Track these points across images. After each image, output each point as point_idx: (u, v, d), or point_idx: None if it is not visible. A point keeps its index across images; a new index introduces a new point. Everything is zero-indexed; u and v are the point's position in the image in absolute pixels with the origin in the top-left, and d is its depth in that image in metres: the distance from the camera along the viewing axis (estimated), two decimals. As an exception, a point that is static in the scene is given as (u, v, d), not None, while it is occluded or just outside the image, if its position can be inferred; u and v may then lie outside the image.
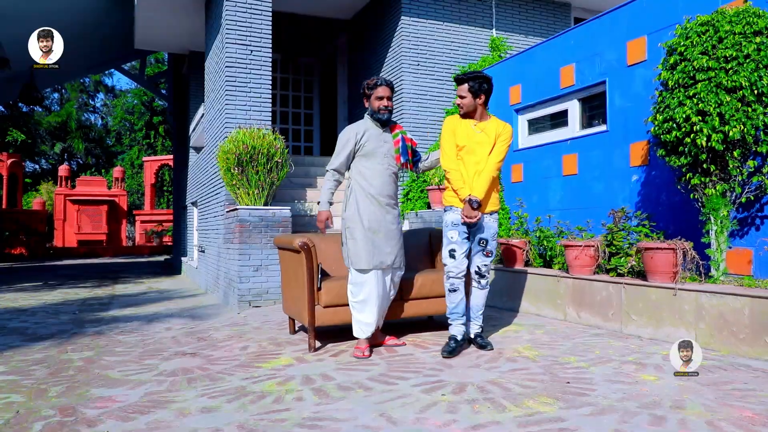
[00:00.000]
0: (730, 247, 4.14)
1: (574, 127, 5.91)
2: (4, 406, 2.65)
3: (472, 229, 3.45)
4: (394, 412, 2.42)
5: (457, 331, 3.51)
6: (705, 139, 3.69)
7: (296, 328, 4.33)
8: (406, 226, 6.65)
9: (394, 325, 4.24)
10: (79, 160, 32.43)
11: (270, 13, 6.47)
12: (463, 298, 3.49)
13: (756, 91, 3.60)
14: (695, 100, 3.76)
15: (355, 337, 3.63)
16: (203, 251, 8.06)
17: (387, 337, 3.81)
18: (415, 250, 4.31)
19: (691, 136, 3.78)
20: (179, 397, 2.73)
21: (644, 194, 4.98)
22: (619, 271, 4.19)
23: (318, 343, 3.82)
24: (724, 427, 2.16)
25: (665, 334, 3.66)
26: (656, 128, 4.09)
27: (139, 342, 4.16)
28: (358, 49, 8.72)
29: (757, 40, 3.63)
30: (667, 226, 4.68)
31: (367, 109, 3.69)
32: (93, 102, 33.95)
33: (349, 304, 3.62)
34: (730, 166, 3.75)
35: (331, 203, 3.65)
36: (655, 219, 4.71)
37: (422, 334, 4.06)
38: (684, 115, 3.79)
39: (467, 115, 3.50)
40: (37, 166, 31.35)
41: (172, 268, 12.49)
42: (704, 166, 3.84)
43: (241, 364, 3.36)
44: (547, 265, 5.20)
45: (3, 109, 24.18)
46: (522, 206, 6.11)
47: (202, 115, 8.46)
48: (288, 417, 2.41)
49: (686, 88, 3.87)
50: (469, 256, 3.53)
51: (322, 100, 10.44)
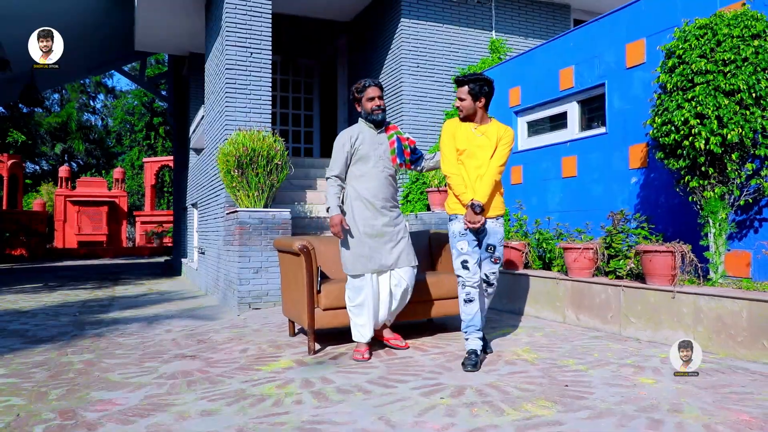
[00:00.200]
0: (729, 250, 4.15)
1: (573, 129, 5.92)
2: (4, 409, 2.67)
3: (480, 235, 3.35)
4: (393, 416, 2.43)
5: (475, 344, 3.31)
6: (703, 142, 3.70)
7: (296, 331, 4.34)
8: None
9: (393, 326, 4.23)
10: (80, 161, 32.46)
11: (270, 16, 6.48)
12: (479, 310, 3.32)
13: (754, 95, 3.61)
14: (693, 103, 3.77)
15: (354, 341, 3.63)
16: (203, 253, 8.07)
17: (392, 335, 3.77)
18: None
19: (690, 139, 3.79)
20: (179, 400, 2.74)
21: (643, 196, 4.98)
22: (618, 273, 4.20)
23: (317, 346, 3.83)
24: (721, 431, 2.17)
25: (664, 337, 3.67)
26: (655, 131, 4.10)
27: (139, 344, 4.17)
28: (358, 51, 8.73)
29: (755, 43, 3.64)
30: (666, 229, 4.69)
31: (360, 113, 3.65)
32: (93, 103, 34.00)
33: (347, 309, 3.63)
34: (729, 169, 3.76)
35: (340, 206, 3.55)
36: (654, 221, 4.72)
37: (422, 337, 4.07)
38: (682, 118, 3.80)
39: (467, 119, 3.42)
40: (38, 167, 31.37)
41: (173, 270, 12.51)
42: (702, 169, 3.85)
43: (241, 367, 3.37)
44: (547, 267, 5.21)
45: (3, 110, 24.20)
46: (521, 208, 6.11)
47: (202, 116, 8.47)
48: (287, 420, 2.42)
49: (685, 91, 3.88)
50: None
51: (322, 101, 10.45)
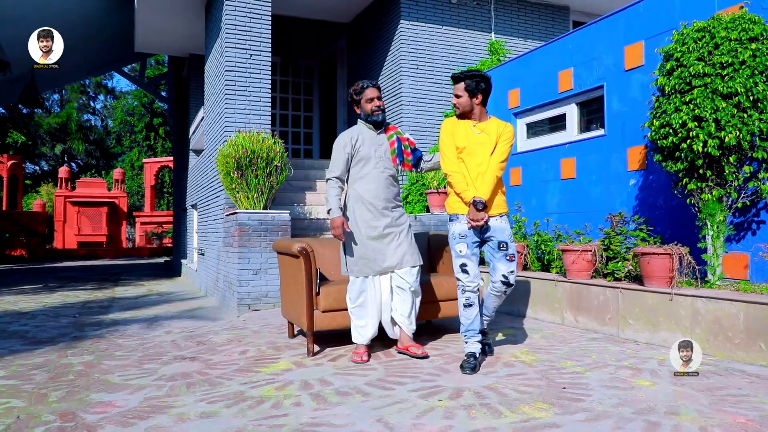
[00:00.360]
0: (727, 252, 4.16)
1: (572, 131, 5.94)
2: (4, 411, 2.68)
3: (485, 235, 3.24)
4: (391, 418, 2.44)
5: (474, 348, 3.28)
6: (701, 144, 3.71)
7: (295, 332, 4.35)
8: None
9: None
10: (80, 162, 32.48)
11: (270, 18, 6.50)
12: (479, 314, 3.29)
13: (751, 98, 3.62)
14: (691, 106, 3.78)
15: (354, 342, 3.64)
16: (203, 254, 8.08)
17: (411, 343, 3.60)
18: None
19: (688, 141, 3.80)
20: (178, 402, 2.75)
21: (642, 198, 5.00)
22: (616, 275, 4.21)
23: (317, 348, 3.84)
24: (718, 433, 2.18)
25: (662, 339, 3.68)
26: (653, 133, 4.12)
27: (139, 346, 4.18)
28: (358, 52, 8.75)
29: (753, 46, 3.66)
30: (665, 230, 4.70)
31: (360, 115, 3.65)
32: (93, 104, 34.02)
33: (348, 310, 3.64)
34: (726, 172, 3.78)
35: (341, 208, 3.52)
36: (653, 223, 4.73)
37: (420, 339, 4.07)
38: (680, 121, 3.81)
39: (464, 116, 3.35)
40: (37, 168, 31.38)
41: (172, 270, 12.52)
42: (700, 171, 3.86)
43: (240, 369, 3.38)
44: (545, 269, 5.23)
45: (4, 111, 24.22)
46: (520, 210, 6.13)
47: (202, 118, 8.48)
48: (286, 423, 2.43)
49: (683, 94, 3.89)
50: (480, 265, 3.33)
51: (322, 102, 10.47)
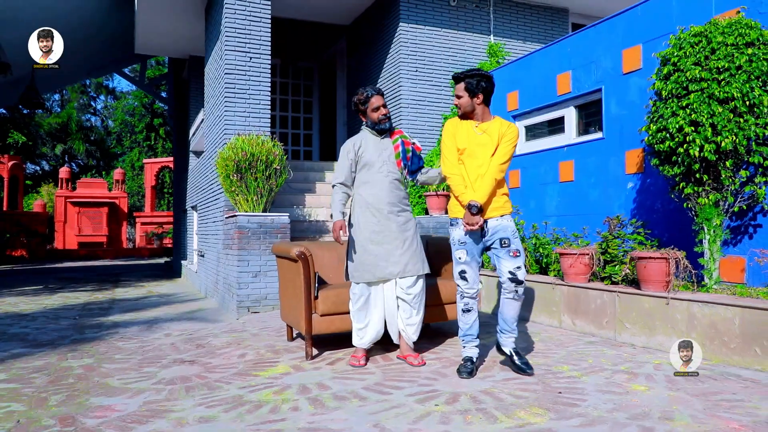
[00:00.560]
0: (724, 255, 4.18)
1: (570, 134, 5.95)
2: (4, 416, 2.70)
3: (486, 239, 3.18)
4: (387, 423, 2.46)
5: (472, 352, 3.28)
6: (698, 149, 3.73)
7: (294, 335, 4.37)
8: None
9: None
10: (80, 162, 32.51)
11: (269, 21, 6.52)
12: (477, 319, 3.28)
13: (748, 102, 3.64)
14: (688, 111, 3.80)
15: (353, 345, 3.66)
16: (203, 256, 8.10)
17: (410, 353, 3.58)
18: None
19: (684, 146, 3.82)
20: (177, 407, 2.77)
21: (639, 202, 5.02)
22: (613, 279, 4.23)
23: (315, 351, 3.86)
24: (711, 439, 2.20)
25: (658, 343, 3.70)
26: (650, 138, 4.13)
27: (139, 349, 4.21)
28: (357, 55, 8.77)
29: (749, 51, 3.67)
30: (662, 234, 4.72)
31: (366, 123, 3.67)
32: (94, 104, 34.05)
33: (350, 312, 3.65)
34: (723, 176, 3.79)
35: (344, 213, 3.53)
36: (650, 226, 4.75)
37: (418, 342, 4.07)
38: (677, 126, 3.83)
39: (465, 116, 3.30)
40: (38, 168, 31.42)
41: (173, 271, 12.55)
42: (697, 175, 3.88)
43: (239, 373, 3.40)
44: (543, 271, 5.24)
45: (4, 111, 24.25)
46: (519, 213, 6.15)
47: (202, 120, 8.51)
48: (283, 427, 2.45)
49: (679, 99, 3.91)
50: (481, 265, 3.31)
51: (322, 104, 10.49)
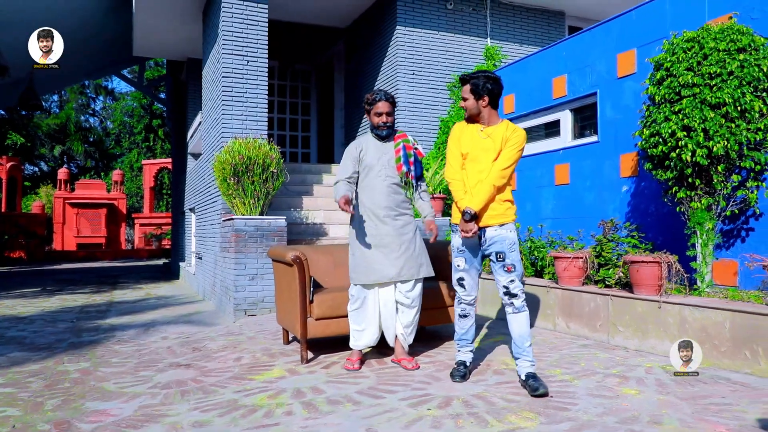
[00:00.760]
0: (717, 259, 4.21)
1: (566, 137, 5.99)
2: (0, 420, 2.72)
3: (484, 247, 3.13)
4: (380, 427, 2.49)
5: (466, 357, 3.29)
6: (690, 154, 3.77)
7: (290, 339, 4.39)
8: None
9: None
10: (79, 162, 32.52)
11: (266, 24, 6.54)
12: (473, 325, 3.26)
13: (739, 108, 3.67)
14: (680, 116, 3.84)
15: (350, 348, 3.67)
16: (201, 258, 8.13)
17: (405, 356, 3.62)
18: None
19: (677, 150, 3.86)
20: (172, 411, 2.79)
21: (634, 205, 5.05)
22: (607, 282, 4.26)
23: (310, 355, 3.89)
24: (699, 443, 2.23)
25: (650, 346, 3.73)
26: (643, 142, 4.17)
27: (135, 352, 4.23)
28: (355, 57, 8.79)
29: (741, 57, 3.71)
30: (656, 237, 4.75)
31: (370, 123, 3.68)
32: (93, 105, 34.06)
33: (348, 313, 3.66)
34: (715, 181, 3.83)
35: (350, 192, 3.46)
36: (644, 230, 4.78)
37: (413, 345, 4.10)
38: (670, 130, 3.86)
39: (471, 119, 3.22)
40: (36, 169, 31.43)
41: (171, 273, 12.56)
42: (689, 180, 3.91)
43: (234, 376, 3.43)
44: (538, 274, 5.27)
45: (3, 113, 24.26)
46: (514, 215, 6.16)
47: (200, 122, 8.53)
48: (277, 432, 2.47)
49: (672, 104, 3.94)
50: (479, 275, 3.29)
51: (320, 106, 10.51)
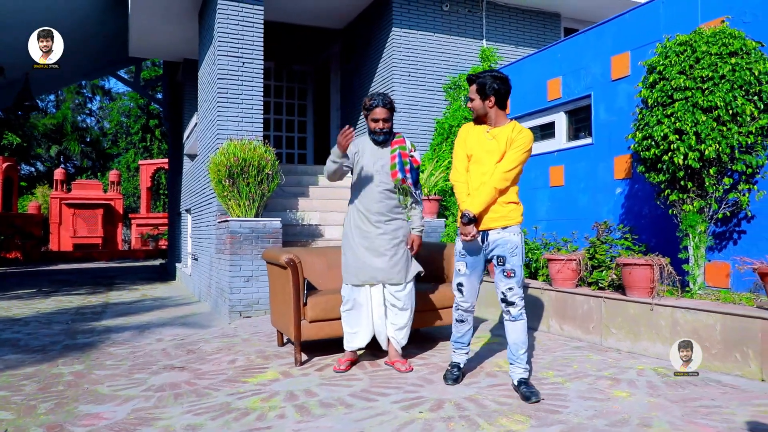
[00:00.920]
0: (709, 261, 4.24)
1: (560, 139, 6.01)
2: (-7, 424, 2.73)
3: (486, 251, 3.08)
4: (371, 430, 2.50)
5: (460, 359, 3.28)
6: (682, 157, 3.78)
7: (284, 341, 4.40)
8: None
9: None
10: (75, 163, 32.45)
11: (262, 26, 6.55)
12: (470, 329, 3.24)
13: (731, 111, 3.69)
14: (673, 119, 3.86)
15: (344, 350, 3.69)
16: (197, 259, 8.12)
17: (398, 359, 3.62)
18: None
19: (669, 154, 3.88)
20: (165, 414, 2.80)
21: (627, 207, 5.07)
22: (600, 284, 4.28)
23: (304, 357, 3.89)
24: (688, 446, 2.25)
25: (643, 348, 3.75)
26: (636, 145, 4.19)
27: (130, 354, 4.23)
28: (351, 58, 8.80)
29: (732, 61, 3.73)
30: (650, 239, 4.77)
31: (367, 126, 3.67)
32: (90, 105, 34.00)
33: (341, 315, 3.67)
34: (707, 184, 3.85)
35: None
36: (638, 232, 4.80)
37: (407, 348, 4.11)
38: (662, 134, 3.88)
39: (479, 120, 3.15)
40: (33, 170, 31.35)
41: (168, 273, 12.55)
42: (682, 183, 3.93)
43: (228, 379, 3.43)
44: (533, 276, 5.29)
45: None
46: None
47: (196, 124, 8.53)
48: (269, 435, 2.48)
49: (664, 107, 3.96)
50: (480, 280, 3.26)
51: (316, 107, 10.52)
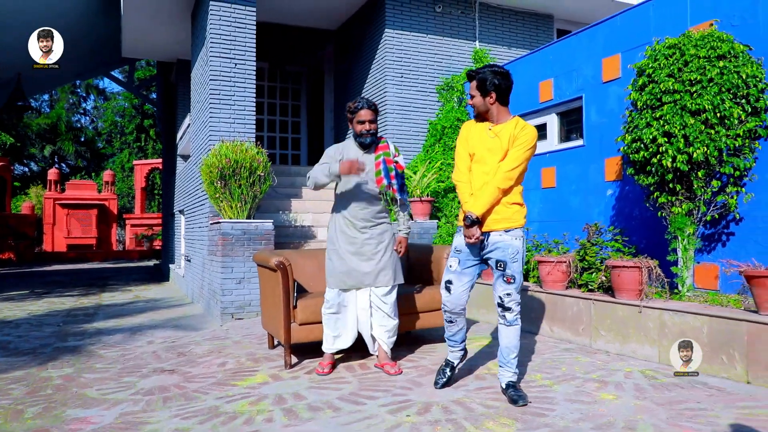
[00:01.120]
0: (698, 262, 4.26)
1: (552, 141, 6.03)
2: (-20, 428, 2.72)
3: (484, 252, 2.98)
4: (359, 434, 2.51)
5: (453, 357, 3.20)
6: (670, 160, 3.80)
7: (275, 343, 4.40)
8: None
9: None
10: (70, 162, 32.31)
11: (254, 27, 6.54)
12: (462, 328, 3.13)
13: (719, 114, 3.71)
14: (661, 122, 3.88)
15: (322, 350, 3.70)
16: (189, 260, 8.11)
17: (387, 361, 3.61)
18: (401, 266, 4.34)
19: (658, 156, 3.89)
20: (153, 418, 2.80)
21: (618, 209, 5.09)
22: (589, 286, 4.29)
23: (294, 359, 3.90)
24: (672, 449, 2.26)
25: (631, 350, 3.77)
26: (626, 147, 4.21)
27: (120, 357, 4.22)
28: (344, 59, 8.80)
29: (720, 64, 3.75)
30: (640, 241, 4.79)
31: (351, 132, 3.67)
32: (84, 104, 33.85)
33: (322, 317, 3.68)
34: (695, 186, 3.87)
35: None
36: (628, 233, 4.82)
37: (397, 350, 4.12)
38: (651, 136, 3.90)
39: (480, 117, 3.06)
40: (26, 169, 31.20)
41: (161, 274, 12.51)
42: (670, 185, 3.95)
43: (218, 382, 3.43)
44: (524, 277, 5.30)
45: (-8, 113, 24.09)
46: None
47: (189, 124, 8.51)
48: (256, 439, 2.48)
49: (653, 110, 3.98)
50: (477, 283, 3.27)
51: (310, 108, 10.51)
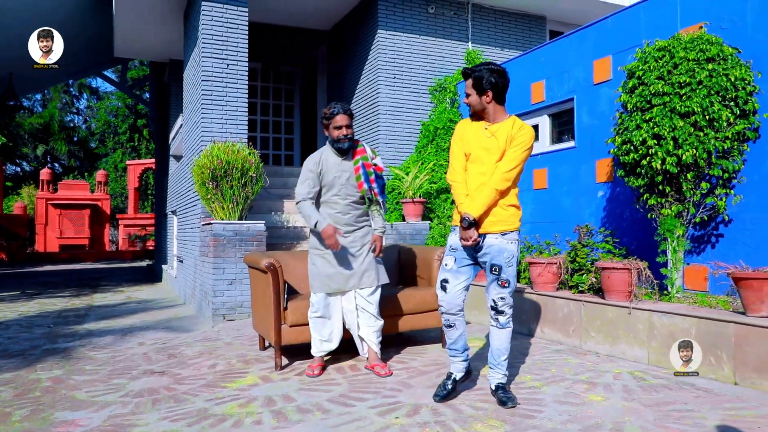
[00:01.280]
0: (688, 264, 4.28)
1: (544, 142, 6.04)
2: (-34, 432, 2.70)
3: (479, 254, 2.91)
4: (347, 436, 2.51)
5: (455, 369, 3.05)
6: (660, 162, 3.83)
7: (266, 345, 4.39)
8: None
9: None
10: (62, 162, 32.13)
11: (246, 27, 6.53)
12: (462, 333, 3.00)
13: (708, 117, 3.74)
14: (651, 124, 3.90)
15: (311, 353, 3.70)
16: (182, 261, 8.08)
17: (377, 362, 3.61)
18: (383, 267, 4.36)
19: (647, 158, 3.92)
20: (141, 421, 2.79)
21: (609, 210, 5.11)
22: (580, 288, 4.31)
23: (285, 361, 3.89)
24: (658, 450, 2.27)
25: (621, 352, 3.79)
26: (616, 149, 4.23)
27: (110, 359, 4.20)
28: (337, 60, 8.80)
29: (710, 67, 3.77)
30: (630, 242, 4.81)
31: (328, 138, 3.65)
32: (77, 104, 33.67)
33: (309, 321, 3.69)
34: (685, 188, 3.89)
35: (323, 220, 3.48)
36: (619, 235, 4.85)
37: (388, 352, 4.13)
38: (641, 138, 3.92)
39: (476, 116, 3.00)
40: (19, 169, 31.00)
41: (154, 275, 12.47)
42: (660, 187, 3.97)
43: (207, 384, 3.42)
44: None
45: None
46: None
47: (181, 125, 8.48)
48: (244, 442, 2.48)
49: (643, 112, 4.00)
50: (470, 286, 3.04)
51: (303, 108, 10.50)
